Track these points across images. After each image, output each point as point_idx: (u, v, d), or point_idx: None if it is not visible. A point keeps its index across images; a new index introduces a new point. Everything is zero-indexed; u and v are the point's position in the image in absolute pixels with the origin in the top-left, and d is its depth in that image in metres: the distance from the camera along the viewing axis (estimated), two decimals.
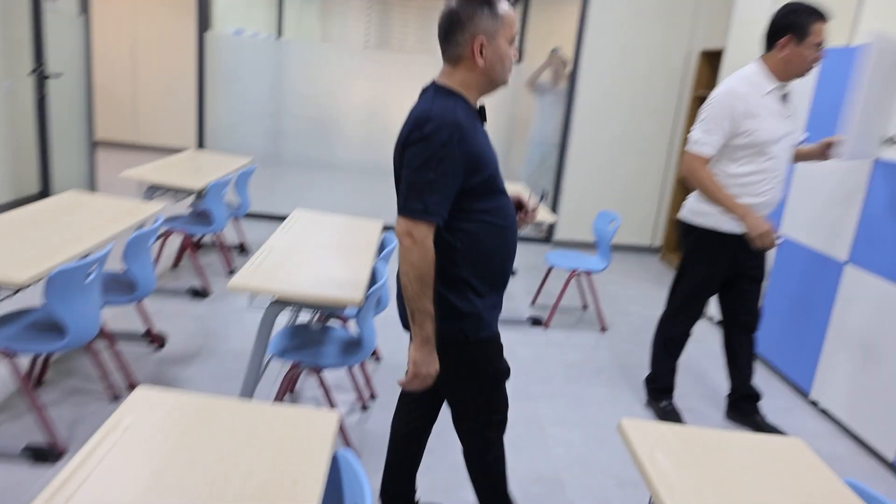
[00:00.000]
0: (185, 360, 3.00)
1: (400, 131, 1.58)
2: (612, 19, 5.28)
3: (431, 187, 1.49)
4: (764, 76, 2.49)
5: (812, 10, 2.39)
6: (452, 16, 1.55)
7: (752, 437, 1.46)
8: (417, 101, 1.61)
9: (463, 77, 1.59)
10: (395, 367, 3.18)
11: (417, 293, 1.53)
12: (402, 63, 5.53)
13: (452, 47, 1.57)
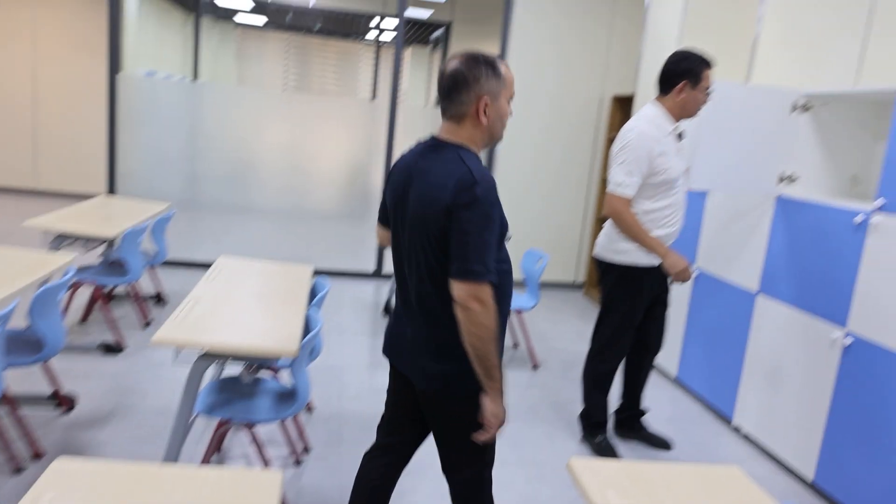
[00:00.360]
0: (98, 423, 2.78)
1: (432, 194, 1.57)
2: (528, 65, 5.51)
3: (488, 248, 1.54)
4: (664, 118, 2.67)
5: (702, 59, 2.62)
6: (458, 76, 1.60)
7: (694, 467, 1.50)
8: (433, 159, 1.63)
9: (467, 134, 1.65)
10: (329, 417, 3.07)
11: (492, 351, 1.56)
12: (322, 105, 5.53)
13: (456, 105, 1.62)
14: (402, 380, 1.83)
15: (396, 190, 1.71)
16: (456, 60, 1.61)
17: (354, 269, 5.72)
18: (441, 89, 1.64)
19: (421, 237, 1.61)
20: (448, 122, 1.67)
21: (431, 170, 1.60)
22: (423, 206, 1.59)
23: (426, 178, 1.61)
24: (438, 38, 7.94)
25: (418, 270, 1.65)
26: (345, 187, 5.65)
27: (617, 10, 5.55)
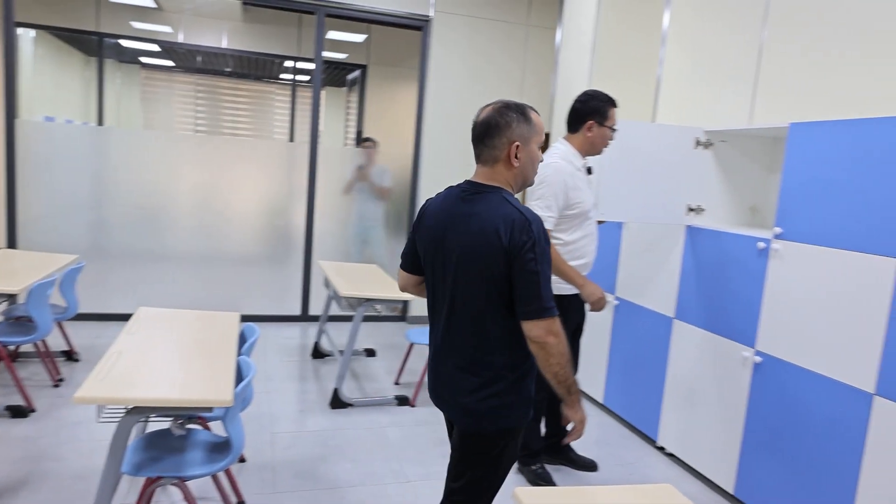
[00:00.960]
0: (8, 494, 2.56)
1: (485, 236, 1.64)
2: (447, 105, 5.68)
3: (549, 282, 1.65)
4: (574, 154, 2.84)
5: (608, 98, 2.82)
6: (490, 122, 1.71)
7: (633, 488, 1.57)
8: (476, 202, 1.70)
9: (502, 177, 1.74)
10: (262, 467, 2.97)
11: (569, 371, 1.68)
12: (237, 148, 5.45)
13: (490, 150, 1.72)
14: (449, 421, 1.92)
15: (434, 234, 1.77)
16: (489, 108, 1.73)
17: (280, 313, 5.59)
18: (474, 136, 1.75)
19: (473, 277, 1.68)
20: (482, 167, 1.76)
21: (479, 213, 1.68)
22: (476, 248, 1.66)
23: (473, 220, 1.68)
24: (355, 79, 8.05)
25: (469, 308, 1.71)
26: (266, 230, 5.55)
27: (529, 49, 5.84)
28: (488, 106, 1.75)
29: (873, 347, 2.29)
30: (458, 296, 1.72)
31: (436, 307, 1.83)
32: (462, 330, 1.73)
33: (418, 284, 1.96)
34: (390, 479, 2.95)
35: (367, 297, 3.66)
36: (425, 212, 1.84)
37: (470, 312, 1.71)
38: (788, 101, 3.15)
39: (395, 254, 5.90)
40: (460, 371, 1.75)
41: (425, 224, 1.82)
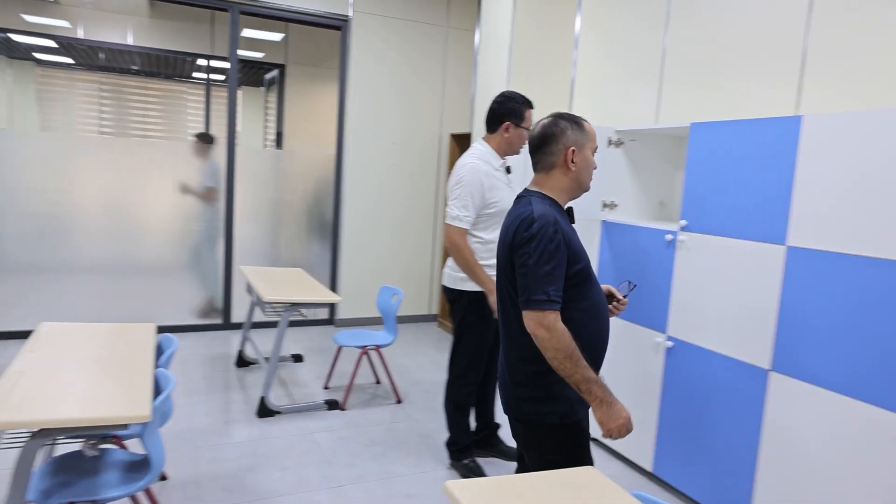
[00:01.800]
0: None
1: (505, 236, 1.81)
2: (369, 106, 5.65)
3: (550, 278, 1.69)
4: (492, 154, 2.90)
5: (524, 99, 2.89)
6: (546, 131, 1.84)
7: (557, 473, 1.63)
8: (514, 207, 1.85)
9: (556, 182, 1.85)
10: (185, 483, 2.86)
11: (573, 369, 1.69)
12: (149, 150, 5.22)
13: (546, 157, 1.85)
14: None
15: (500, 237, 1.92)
16: (544, 120, 1.86)
17: (200, 322, 5.40)
18: (531, 146, 1.87)
19: (505, 273, 1.83)
20: (538, 174, 1.88)
21: (516, 214, 1.81)
22: (505, 247, 1.82)
23: (511, 222, 1.82)
24: (273, 78, 7.87)
25: (508, 306, 1.84)
26: (182, 236, 5.34)
27: (449, 50, 5.90)
28: (542, 119, 1.88)
29: (767, 327, 2.47)
30: (508, 292, 1.85)
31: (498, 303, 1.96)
32: (512, 325, 1.84)
33: None
34: (321, 485, 2.91)
35: (292, 301, 3.60)
36: None
37: (510, 311, 1.84)
38: (690, 101, 3.34)
39: (318, 255, 5.82)
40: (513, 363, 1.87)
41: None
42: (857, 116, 2.17)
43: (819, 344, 2.29)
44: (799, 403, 2.36)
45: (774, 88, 2.91)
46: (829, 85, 2.67)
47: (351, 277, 5.77)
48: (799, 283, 2.36)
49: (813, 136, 2.31)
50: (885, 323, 2.08)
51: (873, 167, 2.13)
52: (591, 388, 1.72)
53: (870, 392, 2.13)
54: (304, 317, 3.97)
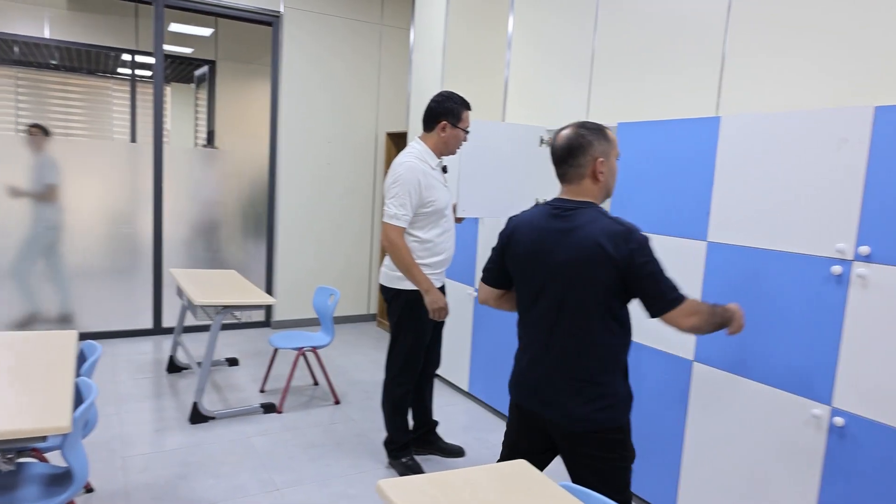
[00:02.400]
0: None
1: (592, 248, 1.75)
2: (302, 103, 5.57)
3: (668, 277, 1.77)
4: (428, 153, 2.92)
5: (462, 100, 2.93)
6: (572, 143, 1.83)
7: (490, 467, 1.66)
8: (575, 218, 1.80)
9: (587, 192, 1.86)
10: (113, 495, 2.76)
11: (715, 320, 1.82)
12: (71, 149, 4.98)
13: (575, 168, 1.84)
14: (529, 420, 1.97)
15: (531, 250, 1.87)
16: (567, 130, 1.85)
17: (130, 327, 5.20)
18: (557, 157, 1.87)
19: (581, 285, 1.78)
20: (568, 185, 1.88)
21: (579, 227, 1.79)
22: (582, 260, 1.76)
23: (575, 235, 1.78)
24: (203, 75, 7.64)
25: (577, 317, 1.81)
26: (108, 239, 5.12)
27: (384, 48, 5.88)
28: (566, 128, 1.87)
29: None
30: (566, 307, 1.82)
31: (532, 318, 1.92)
32: (569, 339, 1.83)
33: (500, 297, 2.07)
34: (257, 490, 2.86)
35: (223, 304, 3.51)
36: (515, 229, 1.94)
37: (577, 321, 1.82)
38: (619, 102, 3.45)
39: (253, 256, 5.70)
40: (565, 375, 1.85)
41: (518, 240, 1.92)
42: (770, 117, 2.31)
43: (739, 334, 2.42)
44: (721, 391, 2.48)
45: (697, 90, 3.04)
46: (746, 87, 2.82)
47: (287, 278, 5.67)
48: (718, 277, 2.49)
49: (730, 137, 2.44)
50: (799, 314, 2.22)
51: (785, 166, 2.26)
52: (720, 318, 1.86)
53: (784, 380, 2.27)
54: (237, 319, 3.88)
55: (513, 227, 1.97)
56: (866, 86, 2.38)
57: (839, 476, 2.10)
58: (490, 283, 2.06)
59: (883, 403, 1.98)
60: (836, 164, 2.10)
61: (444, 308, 2.87)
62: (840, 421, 2.08)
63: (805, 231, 2.19)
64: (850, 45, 2.42)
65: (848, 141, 2.06)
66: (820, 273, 2.14)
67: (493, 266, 2.04)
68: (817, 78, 2.54)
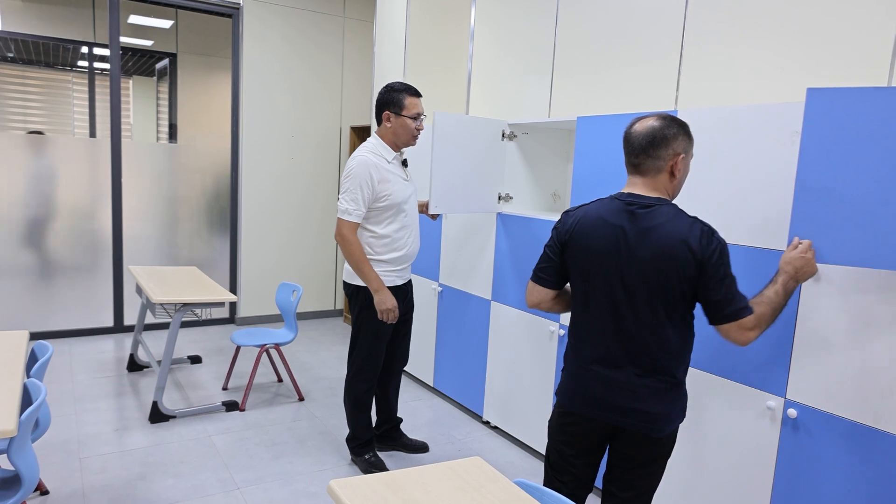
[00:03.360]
0: None
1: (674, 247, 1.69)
2: (263, 97, 5.49)
3: None
4: (383, 147, 2.89)
5: (404, 87, 2.86)
6: (657, 134, 1.75)
7: (444, 465, 1.67)
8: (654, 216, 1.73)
9: (662, 187, 1.79)
10: (69, 497, 2.70)
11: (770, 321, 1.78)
12: (27, 144, 4.84)
13: (654, 160, 1.76)
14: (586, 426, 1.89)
15: (603, 246, 1.78)
16: (651, 119, 1.77)
17: (90, 325, 5.09)
18: (636, 146, 1.77)
19: (662, 285, 1.72)
20: (641, 177, 1.79)
21: (660, 225, 1.72)
22: (665, 259, 1.70)
23: (656, 233, 1.72)
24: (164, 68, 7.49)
25: (652, 316, 1.75)
26: (67, 236, 5.00)
27: (346, 42, 5.82)
28: (648, 117, 1.79)
29: None
30: (641, 305, 1.75)
31: (598, 316, 1.83)
32: (643, 338, 1.77)
33: (555, 298, 1.97)
34: (217, 489, 2.83)
35: (182, 301, 3.46)
36: (580, 225, 1.84)
37: (652, 320, 1.76)
38: (581, 95, 3.48)
39: (217, 252, 5.62)
40: (642, 377, 1.79)
41: (587, 236, 1.82)
42: (724, 111, 2.35)
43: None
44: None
45: (657, 83, 3.08)
46: (705, 80, 2.86)
47: (252, 274, 5.61)
48: None
49: None
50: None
51: (737, 160, 2.31)
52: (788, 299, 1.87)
53: (739, 373, 2.32)
54: (197, 317, 3.83)
55: (575, 222, 1.86)
56: (826, 78, 2.44)
57: (792, 467, 2.16)
58: (550, 284, 1.94)
59: (834, 395, 2.04)
60: (789, 158, 2.15)
61: (391, 310, 2.83)
62: (793, 413, 2.13)
63: (758, 225, 2.24)
64: (809, 37, 2.48)
65: (800, 134, 2.11)
66: (772, 266, 2.19)
67: (552, 265, 1.92)
68: (776, 71, 2.59)
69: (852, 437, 1.99)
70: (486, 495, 1.52)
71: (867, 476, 1.95)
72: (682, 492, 2.51)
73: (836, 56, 2.37)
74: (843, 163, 1.80)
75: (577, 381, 1.89)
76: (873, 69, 2.27)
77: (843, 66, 2.35)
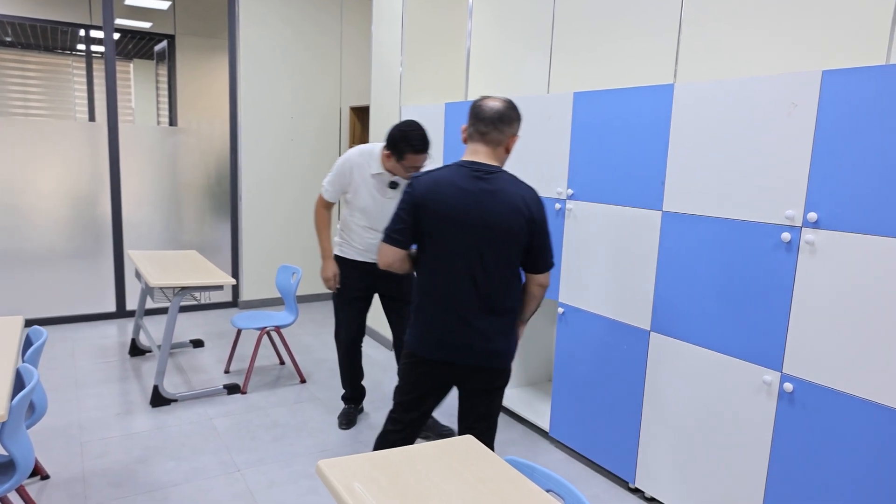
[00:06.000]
0: None
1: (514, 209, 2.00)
2: (262, 78, 5.43)
3: None
4: (375, 160, 3.00)
5: (409, 144, 2.76)
6: (506, 113, 2.05)
7: (434, 444, 1.65)
8: (497, 181, 2.02)
9: (499, 159, 2.09)
10: (70, 480, 2.71)
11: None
12: (26, 129, 4.81)
13: (499, 135, 2.05)
14: (440, 368, 2.15)
15: (453, 207, 2.01)
16: (499, 101, 2.06)
17: (91, 311, 5.10)
18: (490, 118, 2.04)
19: (501, 244, 2.02)
20: (485, 146, 2.06)
21: (502, 190, 2.01)
22: (507, 218, 2.00)
23: (500, 196, 2.00)
24: (163, 50, 7.42)
25: (497, 271, 2.05)
26: (68, 222, 4.99)
27: (345, 21, 5.74)
28: (496, 98, 2.07)
29: (647, 291, 2.59)
30: (490, 259, 2.03)
31: (450, 271, 2.06)
32: (493, 287, 2.05)
33: (406, 258, 2.14)
34: (218, 472, 2.84)
35: (181, 285, 3.44)
36: (432, 188, 2.03)
37: (500, 272, 2.05)
38: (578, 71, 3.41)
39: (219, 236, 5.60)
40: (491, 320, 2.08)
41: (437, 199, 2.02)
42: (722, 84, 2.28)
43: (692, 303, 2.42)
44: (676, 360, 2.50)
45: (656, 58, 3.01)
46: (704, 54, 2.79)
47: (253, 257, 5.59)
48: (673, 247, 2.49)
49: (684, 105, 2.41)
50: (751, 282, 2.23)
51: (736, 133, 2.25)
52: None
53: (736, 347, 2.28)
54: (197, 301, 3.82)
55: (427, 187, 2.05)
56: (823, 50, 2.36)
57: (789, 441, 2.13)
58: (402, 245, 2.11)
59: (830, 368, 2.01)
60: (786, 131, 2.09)
61: (328, 279, 3.15)
62: (789, 387, 2.10)
63: (757, 198, 2.19)
64: (808, 9, 2.40)
65: (797, 106, 2.05)
66: (771, 240, 2.14)
67: (406, 227, 2.08)
68: (774, 44, 2.51)
69: (849, 410, 1.95)
70: (476, 473, 1.49)
71: (864, 450, 1.92)
72: (679, 467, 2.49)
73: (832, 30, 2.29)
74: (855, 136, 1.74)
75: (434, 330, 2.11)
76: (871, 42, 2.20)
77: (837, 39, 2.28)
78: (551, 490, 1.52)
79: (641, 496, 2.73)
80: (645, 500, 2.70)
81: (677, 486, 2.52)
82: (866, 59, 2.24)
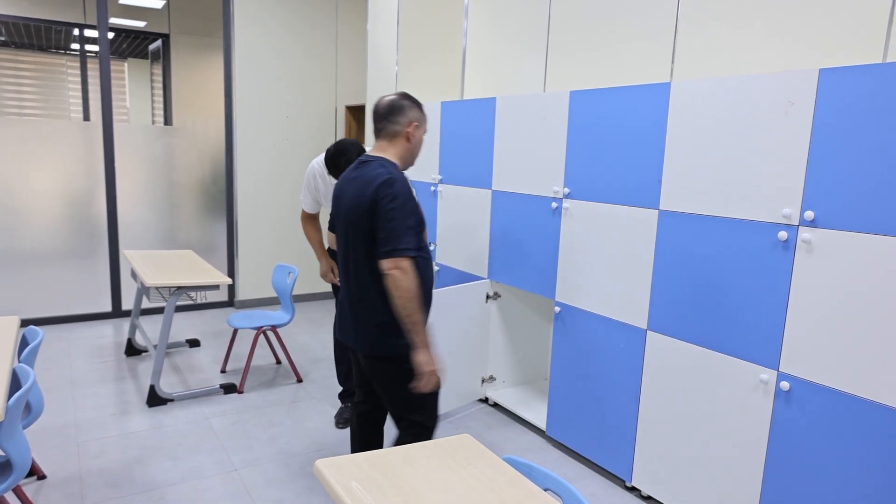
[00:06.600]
0: None
1: (361, 196, 1.97)
2: (257, 78, 5.42)
3: (409, 231, 1.92)
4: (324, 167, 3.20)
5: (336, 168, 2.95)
6: (394, 103, 2.06)
7: (432, 443, 1.65)
8: (362, 170, 2.02)
9: (396, 151, 2.08)
10: (67, 480, 2.71)
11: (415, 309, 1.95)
12: (21, 129, 4.79)
13: (392, 125, 2.06)
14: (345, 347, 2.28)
15: (335, 200, 2.13)
16: (390, 95, 2.09)
17: (87, 311, 5.08)
18: (378, 114, 2.07)
19: (358, 233, 2.00)
20: (380, 140, 2.09)
21: (360, 177, 2.01)
22: (356, 207, 1.98)
23: (356, 184, 2.01)
24: (157, 49, 7.40)
25: (357, 262, 2.03)
26: (64, 222, 4.97)
27: (340, 20, 5.73)
28: (388, 95, 2.10)
29: (644, 290, 2.59)
30: (353, 249, 2.03)
31: (341, 257, 2.13)
32: (357, 279, 2.04)
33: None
34: (214, 471, 2.83)
35: (176, 285, 3.44)
36: (337, 184, 2.15)
37: (359, 263, 2.02)
38: (575, 71, 3.41)
39: (215, 236, 5.59)
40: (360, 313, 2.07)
41: (334, 192, 2.16)
42: (718, 83, 2.29)
43: (689, 302, 2.43)
44: (673, 359, 2.50)
45: (653, 57, 3.01)
46: (700, 53, 2.80)
47: (250, 257, 5.58)
48: (670, 246, 2.49)
49: (680, 103, 2.42)
50: (748, 281, 2.23)
51: (733, 132, 2.25)
52: (422, 329, 1.97)
53: (733, 346, 2.29)
54: (193, 300, 3.81)
55: (338, 182, 2.18)
56: (820, 48, 2.37)
57: (786, 440, 2.13)
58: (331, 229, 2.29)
59: (827, 367, 2.01)
60: (783, 129, 2.10)
61: (326, 273, 3.25)
62: (786, 385, 2.11)
63: (754, 197, 2.19)
64: (805, 8, 2.41)
65: (794, 104, 2.05)
66: (768, 239, 2.15)
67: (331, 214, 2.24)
68: (771, 42, 2.52)
69: (846, 409, 1.96)
70: (473, 472, 1.50)
71: (861, 448, 1.93)
72: (676, 465, 2.50)
73: (828, 28, 2.30)
74: (852, 135, 1.75)
75: (337, 312, 2.23)
76: (868, 41, 2.20)
77: (834, 37, 2.28)
78: (549, 489, 1.52)
79: (638, 494, 2.74)
80: (642, 499, 2.71)
81: (674, 484, 2.53)
82: (863, 57, 2.24)
